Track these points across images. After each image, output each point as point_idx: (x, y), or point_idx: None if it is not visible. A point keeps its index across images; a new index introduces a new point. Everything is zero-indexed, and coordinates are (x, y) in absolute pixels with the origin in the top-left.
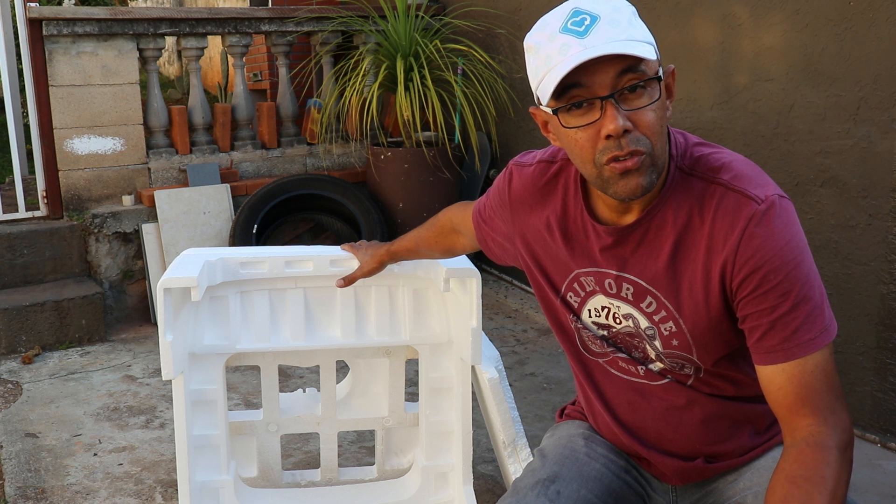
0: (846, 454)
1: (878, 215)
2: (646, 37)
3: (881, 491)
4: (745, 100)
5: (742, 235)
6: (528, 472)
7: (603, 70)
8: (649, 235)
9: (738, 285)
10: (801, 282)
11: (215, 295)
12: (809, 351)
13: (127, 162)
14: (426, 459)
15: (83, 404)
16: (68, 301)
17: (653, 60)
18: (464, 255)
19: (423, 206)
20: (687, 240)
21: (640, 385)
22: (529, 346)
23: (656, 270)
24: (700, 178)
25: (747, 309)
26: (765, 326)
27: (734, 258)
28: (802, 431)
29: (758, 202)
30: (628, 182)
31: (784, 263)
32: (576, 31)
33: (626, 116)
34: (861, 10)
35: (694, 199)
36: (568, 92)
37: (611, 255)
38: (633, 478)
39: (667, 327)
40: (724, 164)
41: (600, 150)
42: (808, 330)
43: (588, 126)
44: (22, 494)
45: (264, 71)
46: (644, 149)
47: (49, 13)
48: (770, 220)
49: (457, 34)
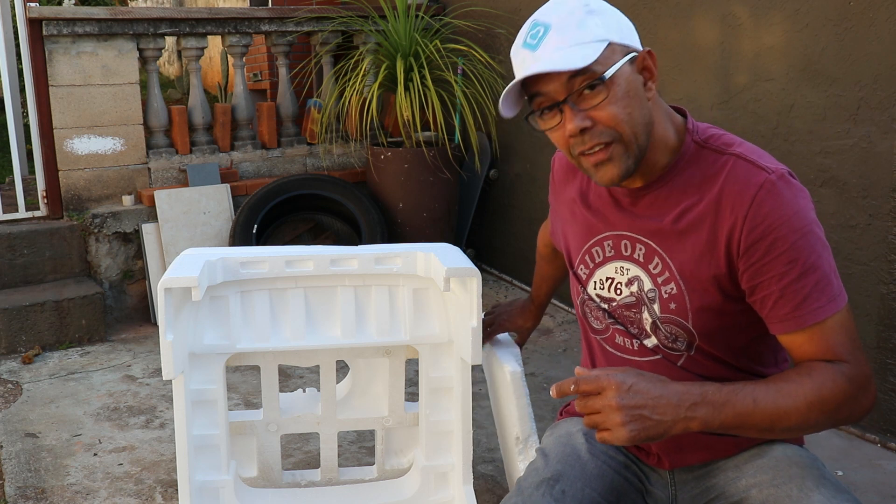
0: (854, 383)
1: (878, 215)
2: (598, 34)
3: (881, 491)
4: (745, 100)
5: (752, 202)
6: (532, 471)
7: (555, 78)
8: (662, 197)
9: (745, 251)
10: (807, 250)
11: (216, 295)
12: (820, 317)
13: (127, 162)
14: (426, 459)
15: (83, 404)
16: (68, 301)
17: (604, 56)
18: (464, 255)
19: (422, 206)
20: (696, 203)
21: (633, 364)
22: (529, 346)
23: (663, 229)
24: (713, 149)
25: (756, 278)
26: (775, 295)
27: (742, 223)
28: (822, 360)
29: (768, 172)
30: (604, 172)
31: (791, 231)
32: (530, 45)
33: (585, 115)
34: (861, 10)
35: (706, 167)
36: (535, 100)
37: (626, 216)
38: (633, 473)
39: (667, 290)
40: (737, 141)
41: (571, 146)
42: (816, 298)
43: (556, 128)
44: (22, 494)
45: (264, 71)
46: (609, 139)
47: (49, 13)
48: (780, 190)
49: (457, 34)
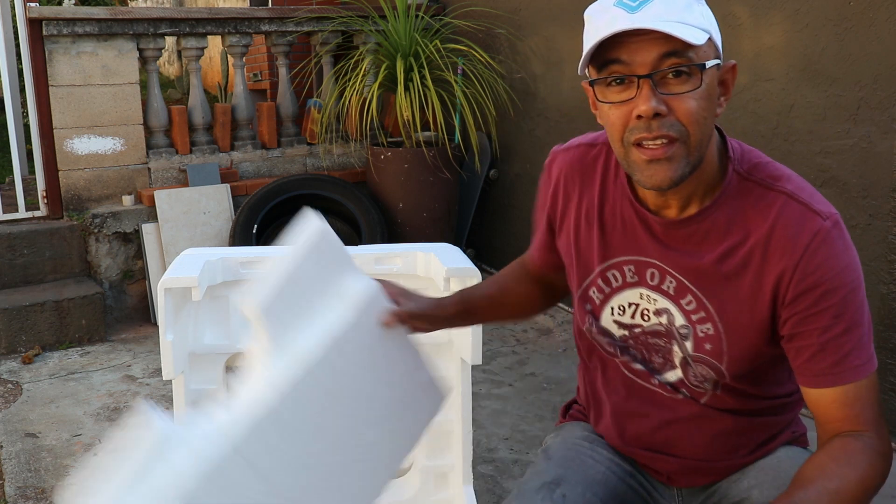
0: (886, 461)
1: (878, 215)
2: (702, 23)
3: (881, 491)
4: (745, 100)
5: (806, 249)
6: (533, 474)
7: (646, 49)
8: (700, 233)
9: (793, 300)
10: (855, 307)
11: (216, 295)
12: (858, 377)
13: (127, 162)
14: (426, 459)
15: (83, 404)
16: (68, 301)
17: (703, 48)
18: (464, 255)
19: (423, 206)
20: (740, 244)
21: (653, 394)
22: (529, 346)
23: (703, 270)
24: (759, 183)
25: (798, 327)
26: (815, 347)
27: (794, 271)
28: (848, 433)
29: (823, 218)
30: (655, 171)
31: (842, 285)
32: (628, 6)
33: (663, 100)
34: (861, 10)
35: (752, 204)
36: (608, 67)
37: (655, 243)
38: (638, 482)
39: (703, 329)
40: (785, 174)
41: (629, 129)
42: (857, 356)
43: (622, 104)
44: (22, 494)
45: (264, 71)
46: (676, 135)
47: (49, 13)
48: (834, 240)
49: (457, 34)
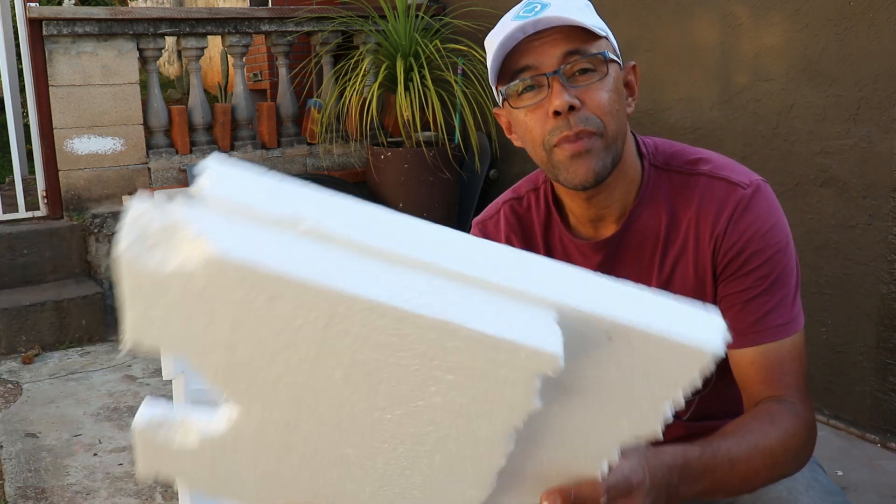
0: (807, 425)
1: (878, 215)
2: (597, 24)
3: (881, 491)
4: (745, 100)
5: (730, 220)
6: None
7: (550, 49)
8: (635, 242)
9: (724, 268)
10: (781, 266)
11: None
12: (779, 336)
13: (127, 162)
14: None
15: (83, 404)
16: (68, 301)
17: (603, 45)
18: None
19: (423, 206)
20: (674, 237)
21: None
22: None
23: (649, 276)
24: (678, 171)
25: (725, 290)
26: (738, 307)
27: (721, 242)
28: (771, 398)
29: (743, 187)
30: (579, 166)
31: (768, 246)
32: (525, 16)
33: (575, 95)
34: (861, 10)
35: (675, 194)
36: (517, 76)
37: (606, 269)
38: None
39: None
40: (702, 156)
41: (549, 130)
42: (779, 314)
43: (537, 106)
44: (22, 494)
45: (264, 71)
46: (594, 129)
47: (49, 13)
48: (756, 205)
49: (457, 34)
